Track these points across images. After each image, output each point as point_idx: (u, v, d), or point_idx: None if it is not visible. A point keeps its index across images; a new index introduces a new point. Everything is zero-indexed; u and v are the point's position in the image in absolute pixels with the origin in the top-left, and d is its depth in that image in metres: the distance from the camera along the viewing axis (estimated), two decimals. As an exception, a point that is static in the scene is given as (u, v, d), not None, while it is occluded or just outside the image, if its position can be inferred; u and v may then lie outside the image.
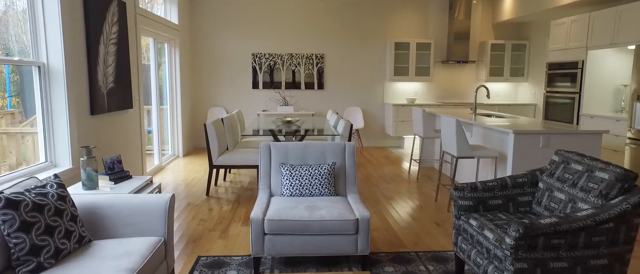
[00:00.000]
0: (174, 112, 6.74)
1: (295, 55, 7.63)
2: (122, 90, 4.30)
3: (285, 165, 3.24)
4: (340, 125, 4.70)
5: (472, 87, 8.00)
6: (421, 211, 4.10)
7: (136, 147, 4.84)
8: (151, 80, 5.84)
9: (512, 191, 2.51)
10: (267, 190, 3.27)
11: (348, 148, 3.38)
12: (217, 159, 4.53)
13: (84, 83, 3.59)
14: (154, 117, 5.93)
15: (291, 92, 7.76)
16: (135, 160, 4.82)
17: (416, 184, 5.20)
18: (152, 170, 5.60)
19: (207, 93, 7.65)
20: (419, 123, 5.41)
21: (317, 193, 3.17)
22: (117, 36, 4.18)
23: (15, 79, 3.42)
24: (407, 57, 7.63)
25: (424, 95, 7.98)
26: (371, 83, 7.87)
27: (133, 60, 4.70)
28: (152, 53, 5.81)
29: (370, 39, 7.73)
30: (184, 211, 4.04)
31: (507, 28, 7.82)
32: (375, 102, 7.93)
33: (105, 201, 2.41)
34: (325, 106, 7.85)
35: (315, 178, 3.18)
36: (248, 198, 4.50)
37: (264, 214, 2.78)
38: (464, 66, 7.93)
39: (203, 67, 7.57)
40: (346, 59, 7.75)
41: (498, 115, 5.17)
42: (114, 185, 3.04)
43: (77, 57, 3.48)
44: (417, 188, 4.97)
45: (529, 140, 3.64)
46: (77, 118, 3.47)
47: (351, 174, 3.35)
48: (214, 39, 7.50)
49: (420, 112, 5.31)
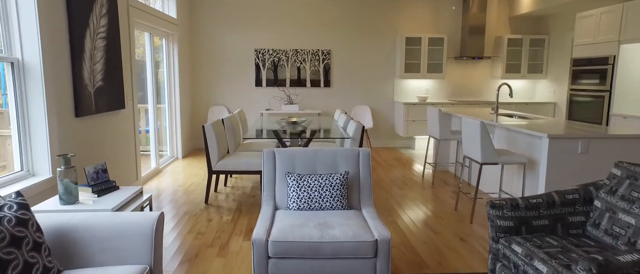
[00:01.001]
0: (173, 112, 6.37)
1: (301, 51, 7.24)
2: (112, 89, 3.93)
3: (291, 174, 2.86)
4: (350, 127, 4.31)
5: (486, 84, 7.58)
6: (441, 222, 3.71)
7: (129, 151, 4.47)
8: (147, 78, 5.47)
9: (561, 210, 2.12)
10: (271, 202, 2.89)
11: (363, 155, 3.00)
12: (216, 164, 4.16)
13: (66, 82, 3.21)
14: (151, 117, 5.56)
15: (296, 90, 7.37)
16: (129, 165, 4.46)
17: (432, 190, 4.80)
18: (149, 174, 5.24)
19: (208, 92, 7.28)
20: (434, 124, 5.02)
21: (327, 206, 2.79)
22: (107, 29, 3.80)
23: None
24: (418, 53, 7.22)
25: (436, 93, 7.57)
26: (380, 80, 7.46)
27: (125, 56, 4.33)
28: (148, 49, 5.43)
29: (380, 34, 7.32)
30: (180, 222, 3.67)
31: (525, 22, 7.39)
32: (384, 100, 7.52)
33: (81, 222, 2.04)
34: (331, 104, 7.45)
35: (326, 190, 2.80)
36: (250, 206, 4.13)
37: (268, 233, 2.40)
38: (479, 62, 7.51)
39: (203, 63, 7.20)
40: (354, 55, 7.35)
41: (521, 116, 4.76)
42: (97, 198, 2.67)
43: (58, 52, 3.10)
44: (433, 195, 4.58)
45: (566, 145, 3.24)
46: (59, 121, 3.09)
47: (366, 185, 2.96)
48: (214, 34, 7.12)
49: (436, 112, 4.91)
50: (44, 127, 2.93)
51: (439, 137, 4.94)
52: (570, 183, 3.28)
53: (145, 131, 6.12)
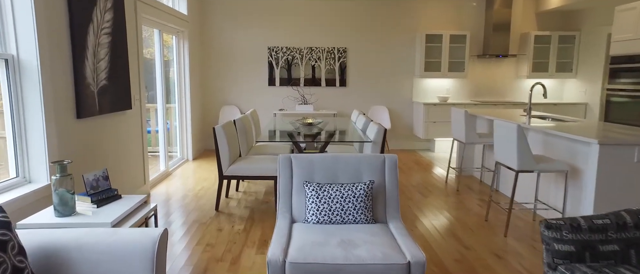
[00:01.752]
0: (183, 112, 6.14)
1: (315, 49, 6.95)
2: (118, 88, 3.69)
3: (310, 183, 2.57)
4: (371, 129, 4.01)
5: (511, 84, 7.19)
6: (472, 235, 3.39)
7: (136, 154, 4.24)
8: (157, 77, 5.24)
9: (635, 234, 1.79)
10: (287, 214, 2.61)
11: (389, 162, 2.69)
12: (228, 169, 3.89)
13: (67, 80, 2.97)
14: (160, 117, 5.33)
15: (311, 90, 7.08)
16: (136, 169, 4.22)
17: (457, 197, 4.47)
18: (157, 177, 5.01)
19: (219, 91, 7.04)
20: (460, 126, 4.68)
21: (350, 219, 2.50)
22: (112, 25, 3.57)
23: None
24: (439, 51, 6.87)
25: (457, 93, 7.21)
26: (398, 79, 7.13)
27: (132, 54, 4.09)
28: (157, 46, 5.20)
29: (398, 31, 6.99)
30: (189, 231, 3.42)
31: (553, 17, 6.98)
32: (402, 100, 7.19)
33: (72, 241, 1.78)
34: (347, 105, 7.15)
35: (349, 201, 2.50)
36: (263, 214, 3.85)
37: (285, 253, 2.12)
38: (502, 61, 7.13)
39: (214, 62, 6.96)
40: (371, 53, 7.03)
41: (555, 118, 4.40)
42: (96, 209, 2.41)
43: (57, 48, 2.87)
44: (459, 203, 4.25)
45: (619, 153, 2.89)
46: (58, 123, 2.86)
47: (393, 195, 2.66)
48: (226, 31, 6.88)
49: (461, 113, 4.58)
50: (41, 130, 2.69)
51: (465, 140, 4.61)
52: (626, 196, 2.93)
53: (155, 131, 5.90)
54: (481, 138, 4.63)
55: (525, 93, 7.20)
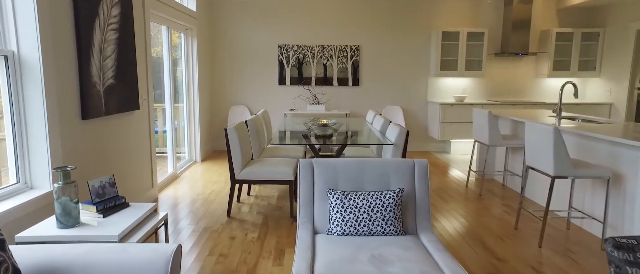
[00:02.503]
0: (192, 112, 5.95)
1: (327, 47, 6.73)
2: (125, 88, 3.50)
3: (334, 191, 2.36)
4: (391, 131, 3.78)
5: (530, 83, 6.93)
6: (503, 246, 3.15)
7: (143, 157, 4.05)
8: (165, 75, 5.05)
9: None
10: (309, 225, 2.40)
11: (419, 168, 2.47)
12: (240, 173, 3.69)
13: (71, 79, 2.78)
14: (168, 118, 5.14)
15: (322, 89, 6.87)
16: (143, 172, 4.03)
17: (480, 202, 4.24)
18: (166, 180, 4.81)
19: (229, 90, 6.84)
20: (483, 127, 4.44)
21: (379, 231, 2.29)
22: (119, 21, 3.37)
23: None
24: (455, 49, 6.63)
25: (474, 92, 6.96)
26: (413, 79, 6.90)
27: (140, 51, 3.90)
28: (165, 43, 5.01)
29: (413, 28, 6.75)
30: (199, 240, 3.21)
31: (576, 14, 6.71)
32: (417, 100, 6.96)
33: (76, 259, 1.58)
34: (360, 105, 6.93)
35: (377, 211, 2.29)
36: (278, 221, 3.65)
37: (311, 269, 1.91)
38: (521, 59, 6.87)
39: (224, 60, 6.76)
40: (385, 51, 6.80)
41: (587, 119, 4.15)
42: (102, 219, 2.21)
43: (61, 44, 2.67)
44: (484, 209, 4.02)
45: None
46: (62, 125, 2.66)
47: (424, 205, 2.44)
48: (236, 29, 6.67)
49: (485, 115, 4.34)
50: (44, 132, 2.50)
51: (489, 142, 4.37)
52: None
53: (163, 131, 5.71)
54: (505, 141, 4.39)
55: (544, 93, 6.94)
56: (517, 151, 4.63)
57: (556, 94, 6.92)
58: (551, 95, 6.94)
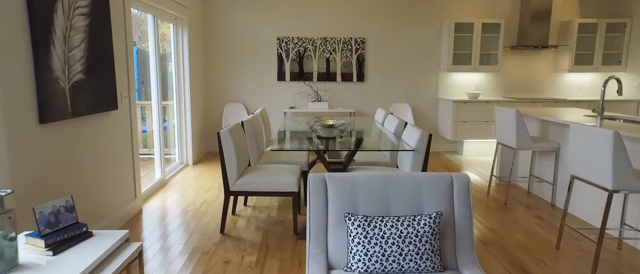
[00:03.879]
0: (183, 110, 5.42)
1: (330, 40, 6.20)
2: (99, 84, 2.97)
3: (354, 216, 1.85)
4: (410, 135, 3.27)
5: (548, 78, 6.43)
6: (547, 271, 2.66)
7: (124, 163, 3.52)
8: (151, 70, 4.52)
9: None
10: (321, 258, 1.89)
11: (459, 185, 1.97)
12: (235, 183, 3.17)
13: (23, 74, 2.25)
14: (155, 117, 4.61)
15: (325, 85, 6.34)
16: (125, 183, 3.51)
17: (507, 213, 3.75)
18: (152, 188, 4.29)
19: (223, 87, 6.31)
20: (508, 128, 3.95)
21: (412, 267, 1.78)
22: (90, 4, 2.83)
23: None
24: (469, 42, 6.12)
25: (488, 88, 6.46)
26: (423, 74, 6.39)
27: (120, 42, 3.36)
28: (151, 33, 4.47)
29: (423, 19, 6.23)
30: (188, 264, 2.70)
31: (599, 3, 6.21)
32: (426, 97, 6.45)
33: None
34: (366, 102, 6.41)
35: (409, 242, 1.79)
36: (280, 239, 3.14)
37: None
38: (538, 53, 6.38)
39: (218, 53, 6.22)
40: (392, 44, 6.28)
41: (630, 119, 3.66)
42: (51, 258, 1.69)
43: (8, 30, 2.14)
44: (513, 222, 3.52)
45: None
46: (9, 131, 2.14)
47: (466, 233, 1.94)
48: (231, 20, 6.13)
49: (511, 114, 3.84)
50: (-15, 141, 1.97)
51: (516, 145, 3.88)
52: None
53: (152, 131, 5.17)
54: (535, 143, 3.89)
55: (564, 89, 6.45)
56: (546, 155, 4.14)
57: (577, 90, 6.43)
58: (572, 91, 6.45)
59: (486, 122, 6.03)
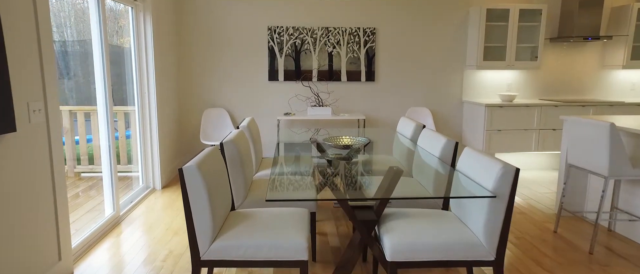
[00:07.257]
0: (146, 117, 4.19)
1: (333, 31, 5.04)
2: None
3: None
4: (484, 169, 2.11)
5: (594, 76, 5.37)
6: None
7: (41, 209, 2.30)
8: (95, 65, 3.30)
9: None
10: None
11: None
12: (209, 248, 1.98)
13: None
14: (103, 129, 3.39)
15: (327, 86, 5.18)
16: (42, 237, 2.29)
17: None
18: (98, 231, 3.07)
19: (201, 88, 5.09)
20: (596, 147, 2.84)
21: None
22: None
23: None
24: (504, 33, 5.03)
25: (524, 89, 5.38)
26: (445, 72, 5.27)
27: (24, 29, 2.14)
28: (94, 17, 3.24)
29: (446, 5, 5.11)
30: None
31: (657, -13, 5.17)
32: (449, 100, 5.34)
33: None
34: (377, 107, 5.27)
35: None
36: None
37: None
38: (584, 46, 5.31)
39: (194, 47, 5.00)
40: (408, 36, 5.15)
41: None
42: None
43: None
44: (571, 258, 2.41)
45: None
46: None
47: None
48: (210, 5, 4.91)
49: (604, 128, 2.73)
50: None
51: (609, 172, 2.76)
52: None
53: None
54: (635, 169, 2.79)
55: (617, 90, 5.40)
56: (638, 183, 3.05)
57: (629, 90, 5.39)
58: (622, 92, 5.40)
59: (524, 130, 4.95)
